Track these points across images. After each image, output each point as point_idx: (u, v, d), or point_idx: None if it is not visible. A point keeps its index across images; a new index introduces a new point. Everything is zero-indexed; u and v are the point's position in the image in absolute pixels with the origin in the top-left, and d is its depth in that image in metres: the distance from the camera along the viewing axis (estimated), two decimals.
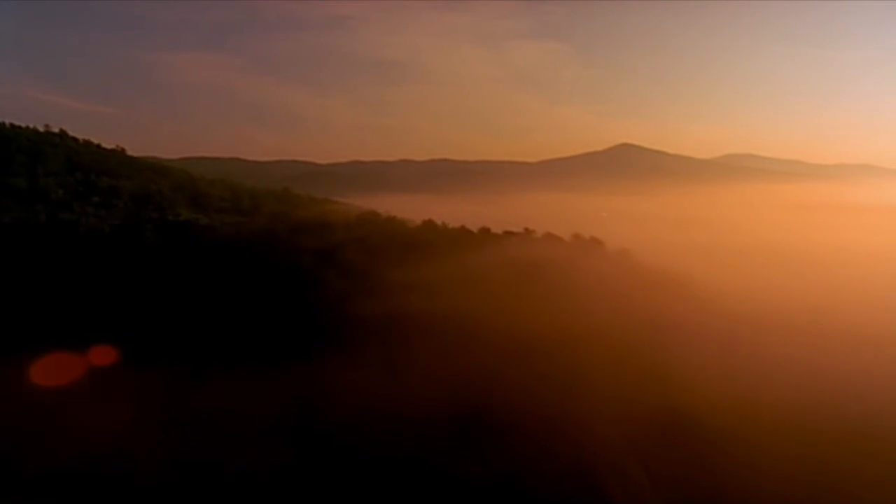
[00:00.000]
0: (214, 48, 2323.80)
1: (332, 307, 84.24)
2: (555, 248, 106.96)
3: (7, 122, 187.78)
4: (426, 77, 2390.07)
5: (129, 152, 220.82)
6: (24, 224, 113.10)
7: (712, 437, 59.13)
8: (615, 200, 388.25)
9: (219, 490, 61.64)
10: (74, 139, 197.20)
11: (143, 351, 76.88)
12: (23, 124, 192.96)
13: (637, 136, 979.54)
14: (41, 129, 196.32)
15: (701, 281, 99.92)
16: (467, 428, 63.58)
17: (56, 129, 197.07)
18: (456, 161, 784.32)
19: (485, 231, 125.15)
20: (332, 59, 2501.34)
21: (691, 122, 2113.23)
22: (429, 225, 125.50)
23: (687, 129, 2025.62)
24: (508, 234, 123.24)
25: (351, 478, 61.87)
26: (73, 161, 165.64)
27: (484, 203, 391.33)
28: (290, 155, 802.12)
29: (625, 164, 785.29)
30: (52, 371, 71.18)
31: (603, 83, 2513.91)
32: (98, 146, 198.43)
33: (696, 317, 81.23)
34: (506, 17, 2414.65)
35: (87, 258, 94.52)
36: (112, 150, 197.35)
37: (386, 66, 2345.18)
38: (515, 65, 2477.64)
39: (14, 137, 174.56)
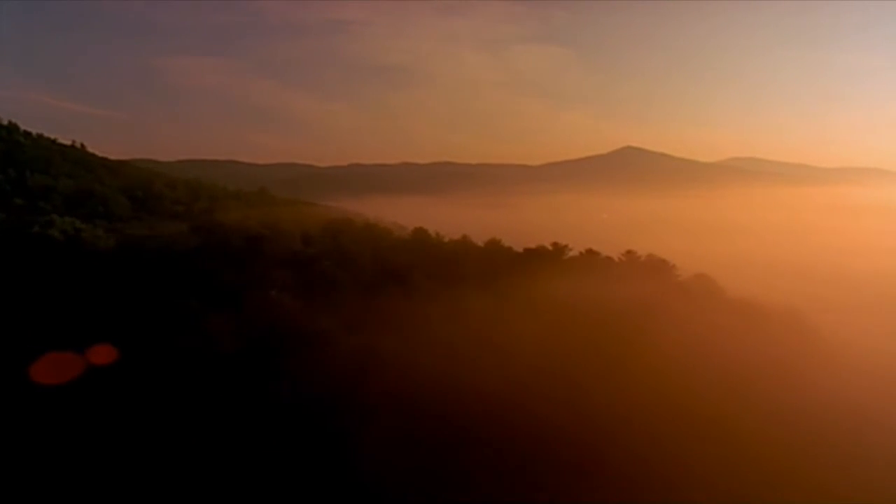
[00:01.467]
0: (218, 52, 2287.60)
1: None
2: (612, 278, 71.44)
3: None
4: (429, 81, 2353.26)
5: (119, 156, 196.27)
6: None
7: None
8: (630, 204, 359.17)
9: None
10: (27, 133, 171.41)
11: None
12: None
13: (640, 140, 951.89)
14: None
15: (807, 321, 70.61)
16: None
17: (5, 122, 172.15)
18: (458, 164, 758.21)
19: (494, 245, 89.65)
20: (335, 63, 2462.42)
21: (694, 125, 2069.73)
22: (419, 237, 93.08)
23: (690, 133, 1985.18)
24: (531, 253, 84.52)
25: None
26: (11, 157, 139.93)
27: (488, 206, 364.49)
28: (290, 158, 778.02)
29: (629, 167, 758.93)
30: None
31: (606, 87, 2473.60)
32: (53, 141, 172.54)
33: (860, 397, 52.16)
34: (508, 22, 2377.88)
35: None
36: (69, 147, 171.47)
37: (389, 71, 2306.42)
38: (518, 69, 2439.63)
39: None
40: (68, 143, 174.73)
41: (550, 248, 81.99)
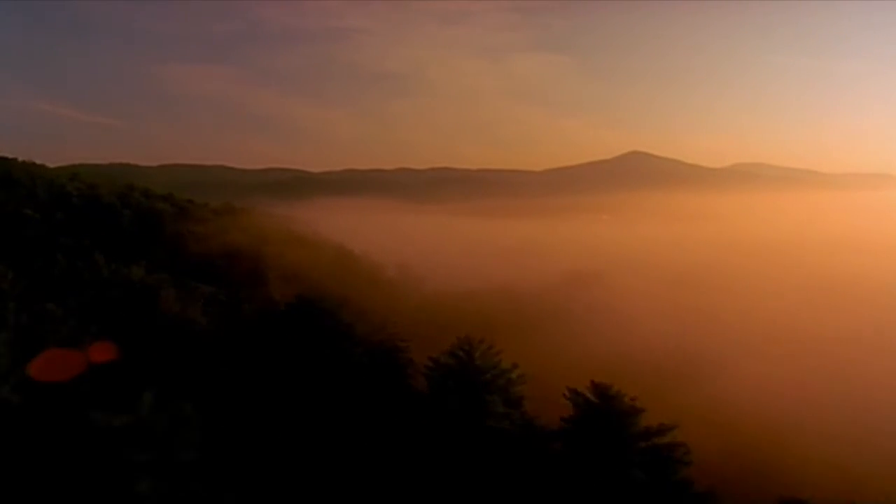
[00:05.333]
0: (218, 60, 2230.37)
1: None
2: None
3: None
4: (429, 89, 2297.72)
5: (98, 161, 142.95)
6: None
7: None
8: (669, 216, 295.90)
9: None
10: None
11: None
12: None
13: (645, 146, 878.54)
14: None
15: None
16: None
17: None
18: (457, 170, 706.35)
19: None
20: (335, 71, 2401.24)
21: (696, 132, 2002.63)
22: None
23: (692, 139, 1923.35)
24: None
25: None
26: None
27: (490, 214, 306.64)
28: (283, 164, 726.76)
29: (636, 173, 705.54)
30: None
31: (606, 95, 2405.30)
32: None
33: None
34: (508, 30, 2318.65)
35: None
36: None
37: (388, 79, 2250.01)
38: (518, 77, 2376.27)
39: None
40: None
41: None
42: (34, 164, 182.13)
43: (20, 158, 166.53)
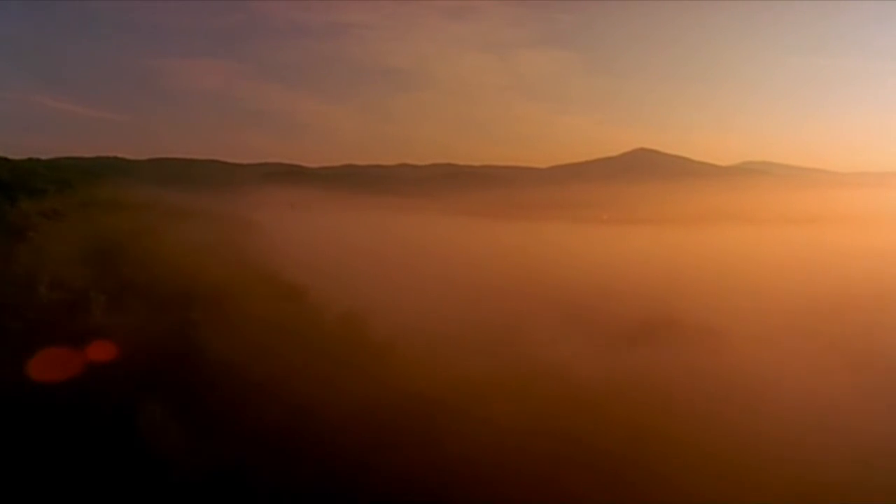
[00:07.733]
0: (220, 55, 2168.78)
1: None
2: None
3: None
4: (433, 84, 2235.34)
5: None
6: None
7: None
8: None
9: None
10: None
11: None
12: None
13: (650, 144, 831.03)
14: None
15: None
16: None
17: None
18: (460, 165, 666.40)
19: None
20: (339, 66, 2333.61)
21: (702, 129, 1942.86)
22: None
23: (698, 137, 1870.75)
24: None
25: None
26: None
27: (496, 214, 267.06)
28: (280, 159, 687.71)
29: (645, 170, 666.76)
30: None
31: (612, 91, 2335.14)
32: None
33: None
34: (513, 25, 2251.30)
35: None
36: None
37: (392, 74, 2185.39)
38: (523, 73, 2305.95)
39: None
40: None
41: None
42: None
43: None
